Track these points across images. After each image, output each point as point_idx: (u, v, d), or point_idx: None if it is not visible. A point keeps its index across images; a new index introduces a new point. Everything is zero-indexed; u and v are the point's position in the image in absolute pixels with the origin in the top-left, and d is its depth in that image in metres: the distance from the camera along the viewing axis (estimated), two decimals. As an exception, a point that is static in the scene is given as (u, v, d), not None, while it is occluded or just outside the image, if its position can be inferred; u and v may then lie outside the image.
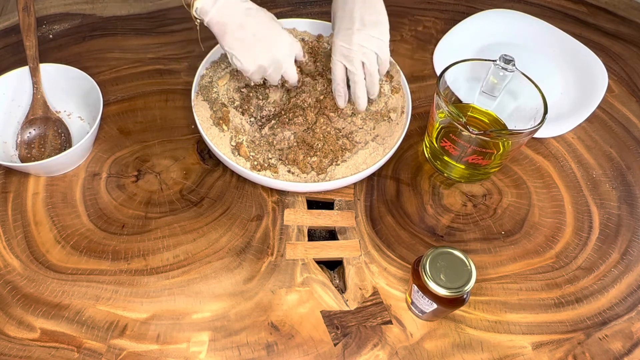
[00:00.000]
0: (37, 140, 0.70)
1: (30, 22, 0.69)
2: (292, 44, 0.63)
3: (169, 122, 0.74)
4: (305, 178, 0.65)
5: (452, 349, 0.58)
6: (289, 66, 0.63)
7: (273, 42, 0.61)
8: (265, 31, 0.60)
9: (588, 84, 0.81)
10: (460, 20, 0.88)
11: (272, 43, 0.60)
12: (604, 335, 0.60)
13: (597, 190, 0.72)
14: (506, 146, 0.64)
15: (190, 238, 0.64)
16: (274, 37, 0.61)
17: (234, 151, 0.65)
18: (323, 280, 0.62)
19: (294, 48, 0.64)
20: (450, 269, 0.51)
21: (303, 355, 0.56)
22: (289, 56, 0.63)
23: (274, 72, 0.63)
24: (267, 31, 0.60)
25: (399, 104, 0.71)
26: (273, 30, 0.61)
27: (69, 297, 0.59)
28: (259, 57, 0.60)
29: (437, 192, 0.70)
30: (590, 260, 0.66)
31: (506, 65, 0.66)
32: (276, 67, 0.62)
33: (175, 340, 0.56)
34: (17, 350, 0.55)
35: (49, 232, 0.63)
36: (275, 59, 0.61)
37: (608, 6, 0.97)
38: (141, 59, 0.81)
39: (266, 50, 0.60)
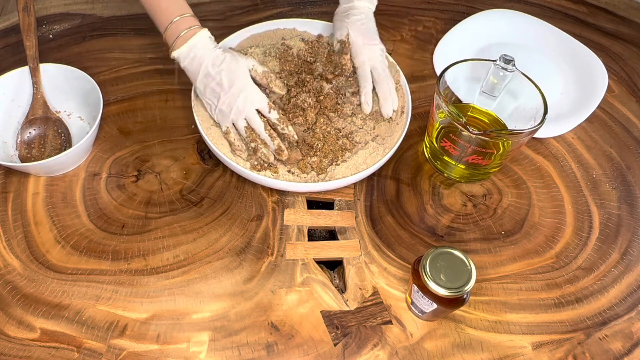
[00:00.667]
0: (37, 140, 0.70)
1: (30, 22, 0.69)
2: (255, 99, 0.63)
3: (169, 122, 0.74)
4: (305, 178, 0.65)
5: (452, 349, 0.58)
6: (250, 115, 0.63)
7: (235, 93, 0.63)
8: (229, 82, 0.63)
9: (588, 84, 0.81)
10: (460, 20, 0.88)
11: (232, 94, 0.63)
12: (604, 335, 0.60)
13: (597, 190, 0.72)
14: (506, 146, 0.64)
15: (190, 238, 0.64)
16: (237, 88, 0.63)
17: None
18: (323, 280, 0.62)
19: (256, 102, 0.63)
20: (450, 269, 0.51)
21: (303, 355, 0.56)
22: (249, 108, 0.63)
23: (235, 117, 0.63)
24: (230, 82, 0.63)
25: (399, 104, 0.71)
26: (238, 82, 0.63)
27: (69, 297, 0.59)
28: (222, 104, 0.63)
29: (437, 192, 0.70)
30: (590, 260, 0.66)
31: (506, 65, 0.66)
32: (236, 115, 0.63)
33: (175, 340, 0.56)
34: (17, 350, 0.55)
35: (49, 232, 0.63)
36: (235, 108, 0.63)
37: (608, 6, 0.97)
38: (141, 59, 0.81)
39: (227, 99, 0.63)
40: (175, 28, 0.63)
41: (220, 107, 0.63)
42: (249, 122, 0.64)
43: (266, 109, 0.64)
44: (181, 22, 0.63)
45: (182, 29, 0.63)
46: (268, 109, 0.64)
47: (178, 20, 0.63)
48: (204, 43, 0.63)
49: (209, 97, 0.64)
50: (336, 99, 0.69)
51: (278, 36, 0.78)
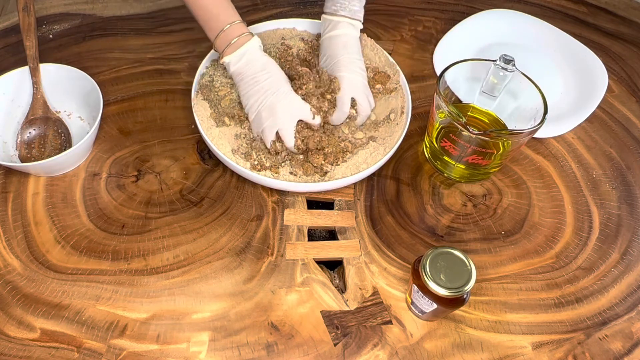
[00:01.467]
0: (37, 140, 0.70)
1: (30, 22, 0.69)
2: (299, 108, 0.64)
3: (169, 122, 0.74)
4: (305, 178, 0.65)
5: (452, 349, 0.58)
6: (285, 128, 0.64)
7: (278, 99, 0.63)
8: (273, 88, 0.64)
9: (588, 84, 0.81)
10: (460, 20, 0.88)
11: (277, 100, 0.63)
12: (604, 335, 0.60)
13: (597, 190, 0.72)
14: (506, 146, 0.64)
15: (190, 238, 0.64)
16: (280, 95, 0.64)
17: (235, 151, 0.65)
18: (323, 280, 0.62)
19: (299, 112, 0.64)
20: (450, 269, 0.51)
21: (303, 355, 0.56)
22: (288, 118, 0.64)
23: (268, 126, 0.64)
24: (275, 89, 0.64)
25: (399, 104, 0.71)
26: (281, 90, 0.64)
27: (69, 297, 0.59)
28: (261, 109, 0.64)
29: (437, 192, 0.70)
30: (590, 260, 0.66)
31: (506, 65, 0.66)
32: (272, 122, 0.63)
33: (175, 340, 0.56)
34: (17, 350, 0.55)
35: (49, 232, 0.63)
36: (274, 114, 0.63)
37: (608, 6, 0.97)
38: (141, 59, 0.81)
39: (269, 103, 0.63)
40: (226, 35, 0.64)
41: (261, 111, 0.64)
42: (283, 133, 0.64)
43: (310, 116, 0.65)
44: (232, 29, 0.64)
45: (233, 36, 0.64)
46: (312, 115, 0.65)
47: (229, 28, 0.64)
48: (254, 50, 0.65)
49: (253, 101, 0.65)
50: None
51: (278, 36, 0.78)
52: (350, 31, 0.71)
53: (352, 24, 0.71)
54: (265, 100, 0.64)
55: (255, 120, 0.65)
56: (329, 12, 0.71)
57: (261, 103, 0.64)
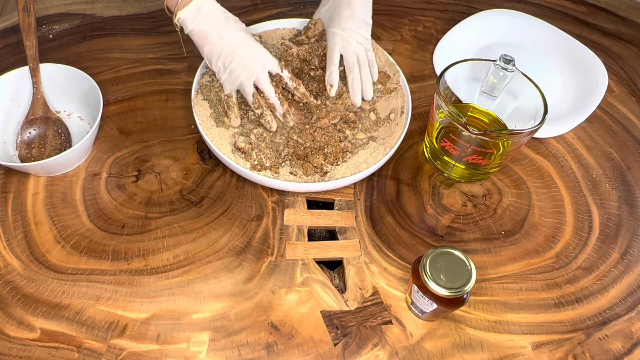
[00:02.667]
0: (37, 140, 0.70)
1: (30, 22, 0.69)
2: (267, 59, 0.63)
3: (169, 122, 0.74)
4: (305, 178, 0.65)
5: (452, 349, 0.58)
6: (261, 77, 0.63)
7: (247, 52, 0.62)
8: (241, 42, 0.62)
9: (588, 84, 0.81)
10: (460, 20, 0.88)
11: (247, 53, 0.62)
12: (604, 335, 0.60)
13: (597, 190, 0.72)
14: (506, 146, 0.64)
15: (190, 238, 0.64)
16: (248, 48, 0.62)
17: (235, 150, 0.65)
18: (323, 280, 0.62)
19: (268, 63, 0.63)
20: (450, 269, 0.51)
21: (303, 355, 0.56)
22: (261, 68, 0.63)
23: (245, 80, 0.63)
24: (243, 42, 0.62)
25: (399, 104, 0.71)
26: (249, 42, 0.62)
27: (69, 297, 0.59)
28: (233, 64, 0.62)
29: (437, 192, 0.70)
30: (590, 260, 0.66)
31: (506, 65, 0.66)
32: (247, 74, 0.62)
33: (175, 340, 0.56)
34: (17, 350, 0.55)
35: (49, 232, 0.63)
36: (248, 67, 0.62)
37: (608, 6, 0.97)
38: (141, 59, 0.81)
39: (240, 58, 0.62)
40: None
41: (232, 67, 0.62)
42: (260, 84, 0.63)
43: (278, 68, 0.63)
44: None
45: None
46: (280, 68, 0.64)
47: None
48: (209, 3, 0.61)
49: (221, 60, 0.62)
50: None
51: (278, 36, 0.78)
52: None
53: None
54: (236, 55, 0.61)
55: (229, 77, 0.63)
56: None
57: (233, 59, 0.61)
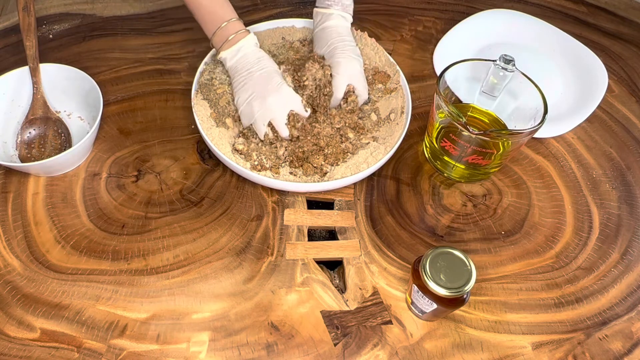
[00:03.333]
0: (37, 140, 0.70)
1: (30, 22, 0.69)
2: (290, 99, 0.65)
3: (169, 122, 0.74)
4: (305, 178, 0.65)
5: (452, 349, 0.58)
6: (277, 118, 0.64)
7: (269, 90, 0.64)
8: (266, 81, 0.65)
9: (588, 84, 0.81)
10: (460, 20, 0.88)
11: (269, 92, 0.64)
12: (604, 335, 0.60)
13: (597, 190, 0.72)
14: (506, 146, 0.64)
15: (190, 238, 0.64)
16: (272, 87, 0.64)
17: (234, 151, 0.65)
18: (323, 280, 0.62)
19: (290, 103, 0.65)
20: (450, 269, 0.51)
21: (303, 355, 0.56)
22: (280, 109, 0.64)
23: (260, 117, 0.64)
24: (267, 81, 0.65)
25: (399, 104, 0.71)
26: (273, 81, 0.65)
27: (69, 297, 0.59)
28: (253, 101, 0.64)
29: (437, 192, 0.70)
30: (590, 260, 0.66)
31: (506, 65, 0.66)
32: (264, 113, 0.64)
33: (175, 340, 0.56)
34: (17, 350, 0.55)
35: (49, 232, 0.63)
36: (265, 105, 0.64)
37: (608, 6, 0.97)
38: (141, 59, 0.81)
39: (261, 96, 0.64)
40: (223, 32, 0.66)
41: (253, 102, 0.64)
42: (276, 125, 0.65)
43: (302, 107, 0.66)
44: (229, 26, 0.66)
45: (230, 33, 0.66)
46: (304, 107, 0.66)
47: (226, 25, 0.66)
48: (249, 45, 0.67)
49: (245, 93, 0.65)
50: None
51: (278, 36, 0.78)
52: (342, 22, 0.73)
53: (343, 16, 0.73)
54: (256, 91, 0.64)
55: (246, 111, 0.66)
56: (322, 6, 0.73)
57: (252, 94, 0.65)
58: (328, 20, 0.72)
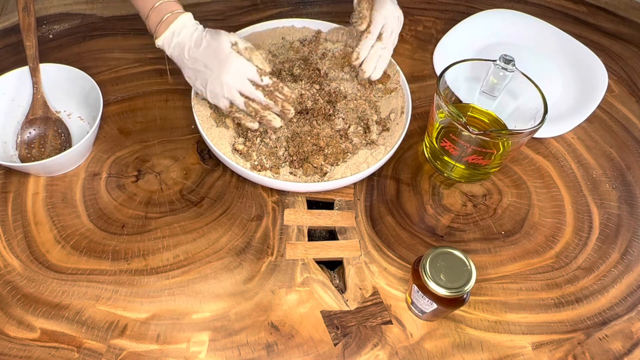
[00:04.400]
0: (37, 140, 0.70)
1: (30, 22, 0.69)
2: (243, 69, 0.61)
3: (169, 122, 0.74)
4: (305, 178, 0.65)
5: (452, 349, 0.58)
6: (243, 87, 0.61)
7: (220, 70, 0.60)
8: (213, 59, 0.60)
9: (588, 84, 0.81)
10: (460, 20, 0.88)
11: (220, 71, 0.60)
12: (604, 335, 0.60)
13: (597, 190, 0.72)
14: (506, 146, 0.64)
15: (190, 238, 0.64)
16: (221, 63, 0.60)
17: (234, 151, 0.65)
18: (323, 280, 0.62)
19: (246, 73, 0.61)
20: (450, 269, 0.51)
21: (303, 355, 0.56)
22: (239, 80, 0.61)
23: (228, 96, 0.62)
24: (215, 59, 0.61)
25: (399, 104, 0.71)
26: (221, 56, 0.60)
27: (69, 297, 0.59)
28: (212, 87, 0.61)
29: (437, 192, 0.70)
30: (590, 260, 0.66)
31: (506, 65, 0.66)
32: (227, 91, 0.61)
33: (175, 340, 0.56)
34: (17, 350, 0.55)
35: (49, 232, 0.63)
36: (226, 85, 0.61)
37: (608, 6, 0.97)
38: (141, 59, 0.81)
39: (216, 77, 0.61)
40: (157, 14, 0.61)
41: (210, 88, 0.62)
42: (245, 93, 0.62)
43: (257, 76, 0.62)
44: (162, 6, 0.61)
45: (164, 14, 0.61)
46: (259, 75, 0.62)
47: (159, 5, 0.61)
48: (185, 27, 0.61)
49: (200, 82, 0.62)
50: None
51: (278, 35, 0.78)
52: None
53: None
54: (211, 73, 0.60)
55: (214, 98, 0.63)
56: None
57: (208, 79, 0.61)
58: None
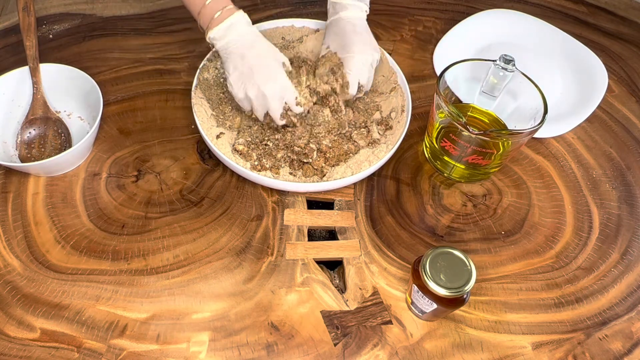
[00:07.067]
0: (37, 140, 0.70)
1: (30, 22, 0.69)
2: (285, 89, 0.62)
3: (169, 122, 0.74)
4: (304, 179, 0.65)
5: (452, 349, 0.58)
6: (274, 106, 0.62)
7: (265, 79, 0.61)
8: (262, 67, 0.61)
9: (588, 84, 0.81)
10: (460, 20, 0.88)
11: (264, 80, 0.61)
12: (604, 335, 0.60)
13: (597, 190, 0.72)
14: (506, 146, 0.64)
15: (190, 238, 0.64)
16: (268, 75, 0.62)
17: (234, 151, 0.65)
18: (323, 280, 0.62)
19: (285, 93, 0.62)
20: (450, 269, 0.51)
21: (303, 355, 0.56)
22: (277, 98, 0.62)
23: (259, 107, 0.63)
24: (263, 68, 0.62)
25: (399, 103, 0.71)
26: (270, 68, 0.62)
27: (69, 297, 0.59)
28: (248, 89, 0.62)
29: (437, 192, 0.70)
30: (590, 260, 0.66)
31: (506, 65, 0.66)
32: (262, 103, 0.62)
33: (175, 340, 0.56)
34: (17, 350, 0.55)
35: (49, 232, 0.63)
36: (262, 96, 0.62)
37: (608, 6, 0.97)
38: (141, 59, 0.81)
39: (257, 84, 0.61)
40: (209, 10, 0.61)
41: (246, 90, 0.62)
42: (272, 112, 0.63)
43: (293, 103, 0.63)
44: (215, 3, 0.61)
45: (216, 10, 0.61)
46: (295, 103, 0.63)
47: (211, 2, 0.61)
48: (239, 24, 0.62)
49: (237, 79, 0.63)
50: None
51: (278, 35, 0.78)
52: (359, 13, 0.70)
53: (359, 7, 0.70)
54: (251, 80, 0.62)
55: (243, 101, 0.64)
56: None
57: (247, 82, 0.62)
58: (344, 11, 0.69)
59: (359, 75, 0.67)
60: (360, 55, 0.67)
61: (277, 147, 0.65)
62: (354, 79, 0.67)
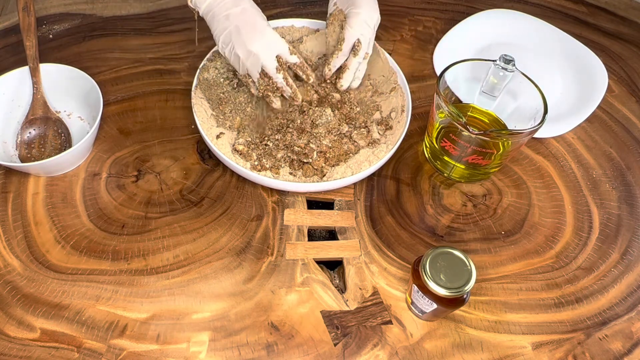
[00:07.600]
0: (37, 140, 0.70)
1: (30, 22, 0.69)
2: (275, 42, 0.62)
3: (169, 122, 0.74)
4: (304, 179, 0.65)
5: (452, 349, 0.58)
6: (267, 62, 0.62)
7: (253, 36, 0.61)
8: (248, 25, 0.61)
9: (588, 84, 0.81)
10: (460, 20, 0.88)
11: (252, 37, 0.61)
12: (604, 335, 0.60)
13: (597, 190, 0.72)
14: (506, 146, 0.64)
15: (190, 238, 0.64)
16: (255, 31, 0.61)
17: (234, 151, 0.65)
18: (323, 280, 0.62)
19: (276, 46, 0.62)
20: (450, 269, 0.51)
21: (303, 355, 0.56)
22: (267, 52, 0.62)
23: (251, 67, 0.63)
24: (250, 25, 0.61)
25: (399, 103, 0.71)
26: (257, 25, 0.62)
27: (69, 297, 0.59)
28: (237, 48, 0.62)
29: (437, 192, 0.70)
30: (590, 260, 0.66)
31: (506, 65, 0.66)
32: (253, 60, 0.62)
33: (175, 340, 0.56)
34: (17, 350, 0.55)
35: (49, 232, 0.63)
36: (253, 52, 0.62)
37: (608, 6, 0.97)
38: (141, 59, 0.81)
39: (245, 42, 0.61)
40: None
41: (235, 51, 0.62)
42: (266, 68, 0.63)
43: (287, 53, 0.63)
44: None
45: None
46: (289, 52, 0.63)
47: None
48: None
49: (226, 41, 0.62)
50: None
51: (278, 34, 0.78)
52: None
53: None
54: (239, 39, 0.61)
55: (235, 62, 0.64)
56: None
57: (236, 43, 0.61)
58: None
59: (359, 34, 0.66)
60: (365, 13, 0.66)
61: (277, 147, 0.65)
62: (351, 36, 0.66)
